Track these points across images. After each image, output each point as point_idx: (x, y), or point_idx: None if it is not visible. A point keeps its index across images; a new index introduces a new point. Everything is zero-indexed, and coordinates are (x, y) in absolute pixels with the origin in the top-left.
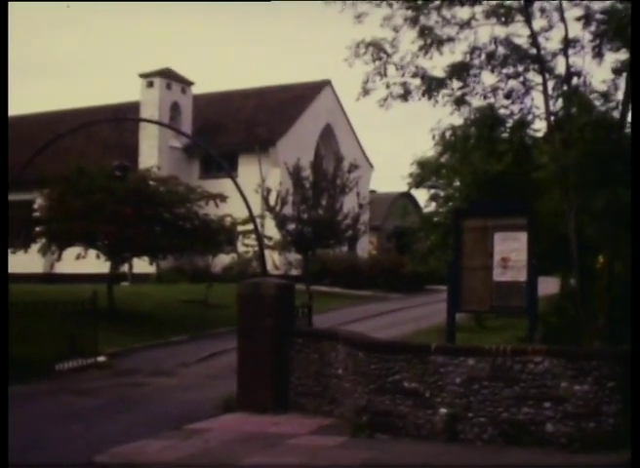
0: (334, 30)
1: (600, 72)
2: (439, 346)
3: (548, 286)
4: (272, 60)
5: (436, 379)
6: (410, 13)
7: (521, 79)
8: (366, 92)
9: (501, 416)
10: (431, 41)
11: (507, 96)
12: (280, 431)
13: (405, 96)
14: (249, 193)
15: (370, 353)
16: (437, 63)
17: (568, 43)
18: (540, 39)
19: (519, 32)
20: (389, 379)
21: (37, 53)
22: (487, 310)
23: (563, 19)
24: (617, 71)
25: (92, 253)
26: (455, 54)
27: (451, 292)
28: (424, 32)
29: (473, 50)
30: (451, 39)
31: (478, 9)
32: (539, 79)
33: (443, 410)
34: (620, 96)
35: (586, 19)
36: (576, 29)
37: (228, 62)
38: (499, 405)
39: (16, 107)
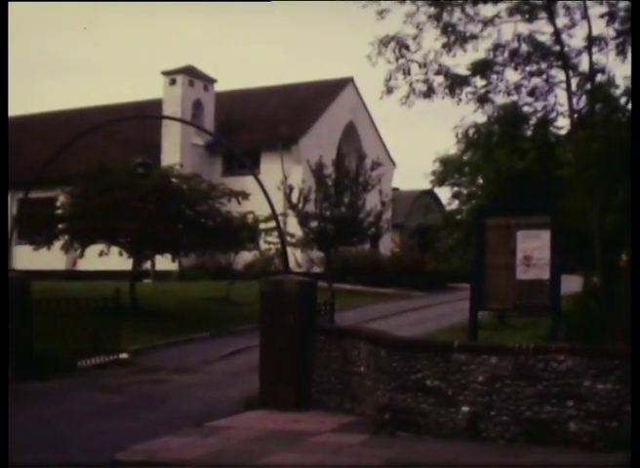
0: (356, 27)
1: (624, 69)
2: (461, 344)
3: (571, 284)
4: (295, 58)
5: (458, 377)
6: (433, 10)
7: (544, 76)
8: (389, 90)
9: (524, 415)
10: (455, 38)
11: (531, 93)
12: (302, 429)
13: (428, 93)
14: (271, 191)
15: (392, 351)
16: (460, 61)
17: (592, 40)
18: (564, 36)
19: (542, 29)
20: (411, 377)
21: (60, 51)
22: (510, 308)
23: (587, 17)
24: None
25: (114, 250)
26: (478, 51)
27: (473, 291)
28: (448, 29)
29: (496, 47)
30: (474, 36)
31: (501, 6)
32: (562, 76)
33: (465, 409)
34: None
35: (610, 16)
36: (599, 27)
37: (251, 60)
38: (521, 403)
39: (37, 105)
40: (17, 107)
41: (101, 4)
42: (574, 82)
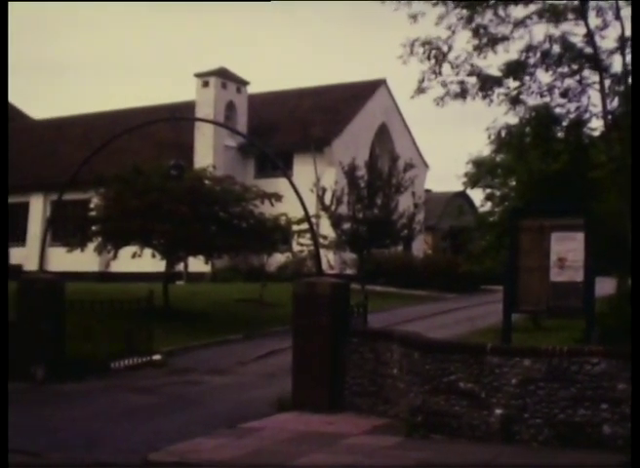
0: (389, 29)
1: None
2: (495, 347)
3: (605, 286)
4: (327, 60)
5: (492, 380)
6: (465, 12)
7: (577, 78)
8: (421, 90)
9: (558, 418)
10: (486, 40)
11: (563, 94)
12: (335, 431)
13: (462, 94)
14: (304, 192)
15: (425, 353)
16: (492, 62)
17: (624, 41)
18: (596, 37)
19: (574, 31)
20: (444, 380)
21: (94, 53)
22: (543, 311)
23: (619, 18)
24: None
25: (147, 251)
26: (509, 53)
27: (507, 293)
28: (479, 31)
29: (528, 48)
30: (505, 38)
31: (533, 7)
32: (595, 77)
33: (498, 411)
34: None
35: None
36: None
37: (283, 62)
38: (555, 406)
39: (71, 108)
40: (52, 109)
41: (136, 4)
42: (607, 83)
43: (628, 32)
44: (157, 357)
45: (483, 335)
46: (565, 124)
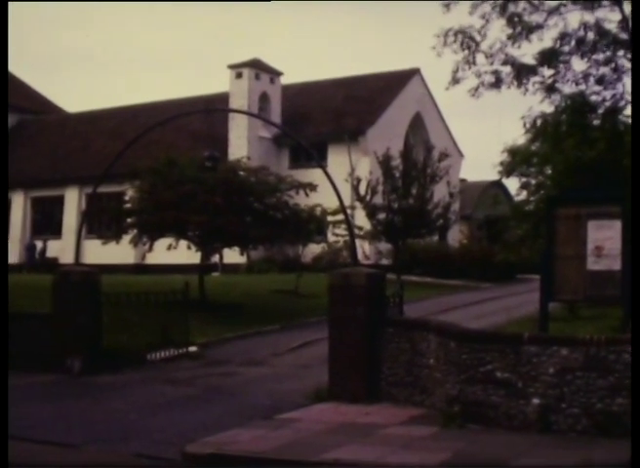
0: (422, 18)
1: None
2: (532, 336)
3: None
4: (361, 50)
5: (529, 369)
6: (499, 0)
7: (612, 65)
8: (456, 81)
9: (595, 407)
10: (520, 28)
11: (599, 81)
12: (371, 421)
13: (496, 84)
14: (339, 183)
15: (461, 343)
16: (526, 51)
17: None
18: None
19: (609, 17)
20: (481, 369)
21: (128, 46)
22: (580, 299)
23: None
24: None
25: (183, 243)
26: (543, 41)
27: (543, 282)
28: (513, 19)
29: (563, 36)
30: (539, 26)
31: None
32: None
33: (536, 401)
34: None
35: None
36: None
37: (317, 52)
38: (592, 395)
39: (105, 100)
40: (86, 103)
41: None
42: None
43: None
44: (193, 348)
45: (520, 325)
46: (601, 111)
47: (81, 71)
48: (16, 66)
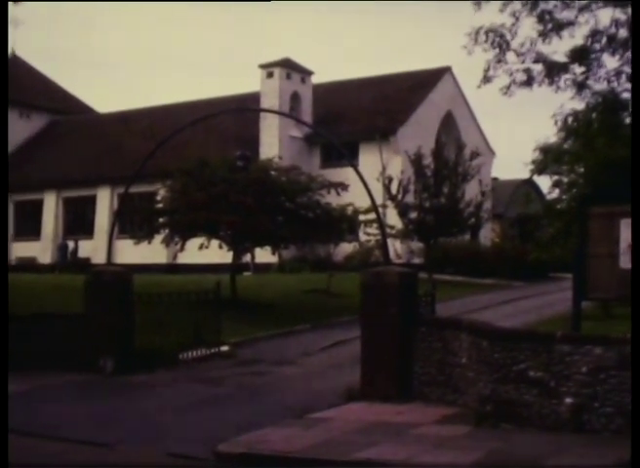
0: (453, 17)
1: None
2: (565, 335)
3: None
4: (392, 48)
5: (562, 368)
6: None
7: None
8: (487, 79)
9: (629, 406)
10: (551, 26)
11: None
12: (403, 420)
13: (528, 82)
14: (370, 182)
15: (494, 342)
16: (557, 49)
17: None
18: None
19: None
20: (514, 368)
21: (159, 46)
22: (613, 298)
23: None
24: None
25: (214, 243)
26: (574, 38)
27: (576, 280)
28: (544, 17)
29: (594, 33)
30: (570, 23)
31: None
32: None
33: (569, 400)
34: None
35: None
36: None
37: (347, 51)
38: (626, 394)
39: (137, 101)
40: (117, 103)
41: None
42: None
43: None
44: (225, 348)
45: (552, 324)
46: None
47: (113, 72)
48: (47, 67)
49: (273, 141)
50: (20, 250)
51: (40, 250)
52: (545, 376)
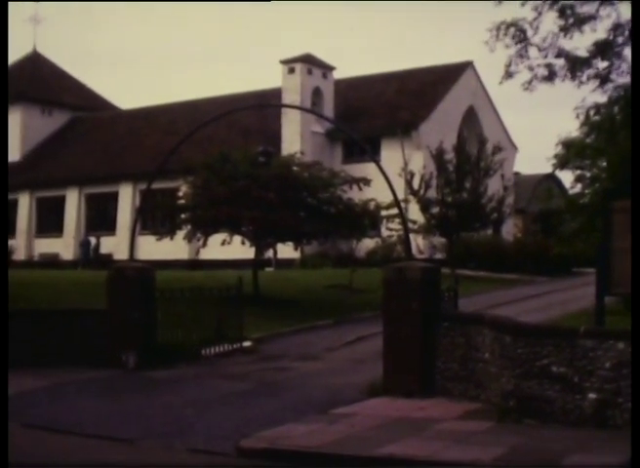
0: (474, 11)
1: None
2: (588, 330)
3: None
4: (413, 43)
5: (585, 364)
6: None
7: None
8: (509, 75)
9: None
10: (573, 20)
11: None
12: (426, 416)
13: (550, 77)
14: (392, 177)
15: (517, 337)
16: (579, 43)
17: None
18: None
19: None
20: (537, 364)
21: (181, 42)
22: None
23: None
24: None
25: (236, 239)
26: (596, 32)
27: (599, 275)
28: (565, 11)
29: (616, 27)
30: (592, 17)
31: None
32: None
33: (592, 396)
34: None
35: None
36: None
37: (369, 46)
38: None
39: (158, 97)
40: (139, 99)
41: None
42: None
43: None
44: (247, 343)
45: (575, 319)
46: None
47: (134, 68)
48: (68, 64)
49: (295, 137)
50: (42, 246)
51: (63, 246)
52: (569, 372)
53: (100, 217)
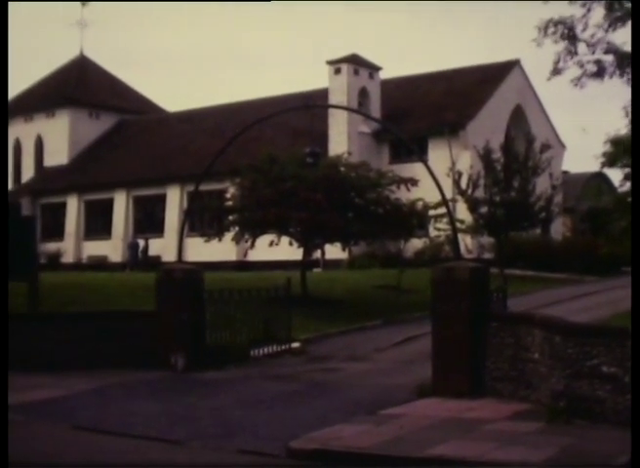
0: (521, 9)
1: None
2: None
3: None
4: (460, 43)
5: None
6: None
7: None
8: (557, 71)
9: None
10: (621, 14)
11: None
12: (476, 416)
13: (599, 73)
14: (439, 177)
15: (567, 337)
16: (627, 39)
17: None
18: None
19: None
20: (587, 364)
21: (228, 45)
22: None
23: None
24: None
25: (284, 240)
26: None
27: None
28: (614, 6)
29: None
30: None
31: None
32: None
33: None
34: None
35: None
36: None
37: (415, 47)
38: None
39: (205, 99)
40: (185, 102)
41: None
42: None
43: None
44: (296, 344)
45: (625, 319)
46: None
47: (180, 71)
48: (115, 67)
49: (342, 138)
50: (90, 248)
51: (111, 248)
52: (619, 372)
53: (148, 220)
